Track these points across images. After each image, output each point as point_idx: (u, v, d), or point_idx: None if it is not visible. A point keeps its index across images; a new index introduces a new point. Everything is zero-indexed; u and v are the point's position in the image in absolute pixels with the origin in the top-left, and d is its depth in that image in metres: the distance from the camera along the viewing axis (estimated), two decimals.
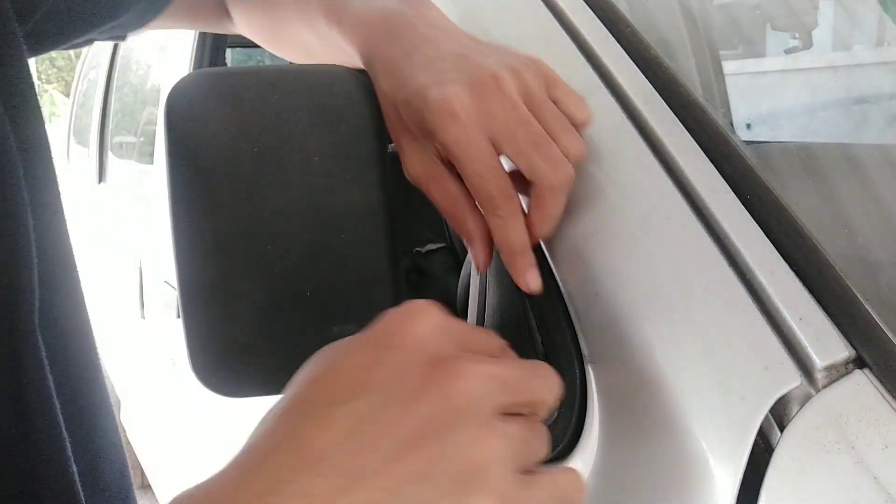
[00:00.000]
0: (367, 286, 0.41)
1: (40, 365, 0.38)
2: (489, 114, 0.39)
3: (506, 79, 0.39)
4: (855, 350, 0.37)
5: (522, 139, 0.39)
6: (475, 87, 0.39)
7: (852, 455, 0.33)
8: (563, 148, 0.40)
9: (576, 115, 0.42)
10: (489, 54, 0.42)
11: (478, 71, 0.40)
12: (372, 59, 0.44)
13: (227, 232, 0.39)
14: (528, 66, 0.41)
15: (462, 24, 0.53)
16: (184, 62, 1.40)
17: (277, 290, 0.40)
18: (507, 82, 0.39)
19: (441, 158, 0.42)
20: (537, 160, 0.39)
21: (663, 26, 0.85)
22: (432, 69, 0.40)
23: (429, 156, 0.42)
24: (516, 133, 0.39)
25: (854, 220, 0.59)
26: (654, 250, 0.41)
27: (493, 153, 0.40)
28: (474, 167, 0.39)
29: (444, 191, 0.42)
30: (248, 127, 0.39)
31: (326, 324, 0.41)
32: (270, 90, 0.39)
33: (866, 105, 1.12)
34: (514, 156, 0.39)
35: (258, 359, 0.41)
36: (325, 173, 0.40)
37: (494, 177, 0.39)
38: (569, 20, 0.52)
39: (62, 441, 0.39)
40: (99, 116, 2.34)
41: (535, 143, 0.39)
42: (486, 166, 0.39)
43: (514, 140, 0.39)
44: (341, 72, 0.41)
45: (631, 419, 0.40)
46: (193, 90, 0.39)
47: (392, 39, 0.43)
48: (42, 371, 0.38)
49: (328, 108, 0.40)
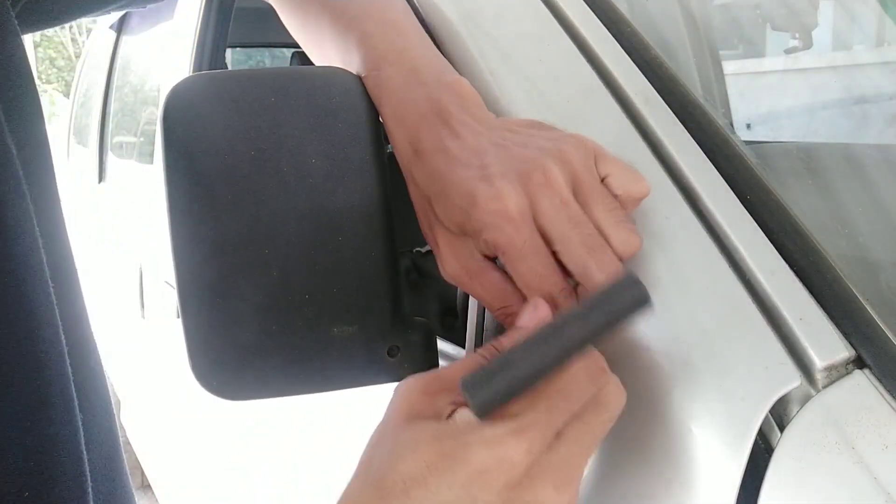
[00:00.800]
0: (366, 287, 0.41)
1: (63, 363, 0.38)
2: (540, 212, 0.37)
3: (554, 172, 0.37)
4: (855, 350, 0.37)
5: (576, 242, 0.37)
6: (525, 183, 0.37)
7: (852, 455, 0.33)
8: (615, 246, 0.38)
9: (631, 191, 0.39)
10: (529, 143, 0.39)
11: (524, 165, 0.38)
12: (406, 142, 0.42)
13: (226, 234, 0.39)
14: (573, 149, 0.39)
15: (462, 24, 0.53)
16: (184, 62, 1.40)
17: (276, 292, 0.40)
18: (556, 175, 0.37)
19: (483, 254, 0.40)
20: (591, 265, 0.37)
21: (663, 26, 0.85)
22: (473, 164, 0.39)
23: (470, 252, 0.40)
24: (570, 236, 0.37)
25: (854, 220, 0.59)
26: (653, 250, 0.41)
27: (548, 253, 0.38)
28: (530, 266, 0.38)
29: (491, 286, 0.41)
30: (247, 129, 0.39)
31: (326, 325, 0.41)
32: (268, 93, 0.39)
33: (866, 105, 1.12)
34: (566, 257, 0.38)
35: (258, 361, 0.41)
36: (324, 175, 0.40)
37: (552, 276, 0.38)
38: (569, 20, 0.52)
39: (78, 436, 0.39)
40: (99, 116, 2.34)
41: (589, 248, 0.37)
42: (543, 266, 0.38)
43: (567, 242, 0.37)
44: (339, 74, 0.41)
45: (631, 419, 0.40)
46: (191, 93, 0.39)
47: (429, 127, 0.41)
48: (64, 370, 0.38)
49: (326, 110, 0.40)
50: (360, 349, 0.42)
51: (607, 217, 0.38)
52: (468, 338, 0.52)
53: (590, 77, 0.49)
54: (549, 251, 0.38)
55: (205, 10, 1.37)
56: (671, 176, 0.44)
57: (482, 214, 0.38)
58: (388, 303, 0.42)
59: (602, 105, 0.47)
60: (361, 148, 0.40)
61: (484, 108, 0.43)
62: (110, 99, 2.32)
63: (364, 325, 0.42)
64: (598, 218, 0.38)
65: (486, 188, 0.37)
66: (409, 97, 0.42)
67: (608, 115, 0.47)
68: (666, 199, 0.43)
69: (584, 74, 0.49)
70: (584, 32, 0.51)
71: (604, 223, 0.38)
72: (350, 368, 0.42)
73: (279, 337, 0.40)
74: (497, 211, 0.37)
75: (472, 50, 0.52)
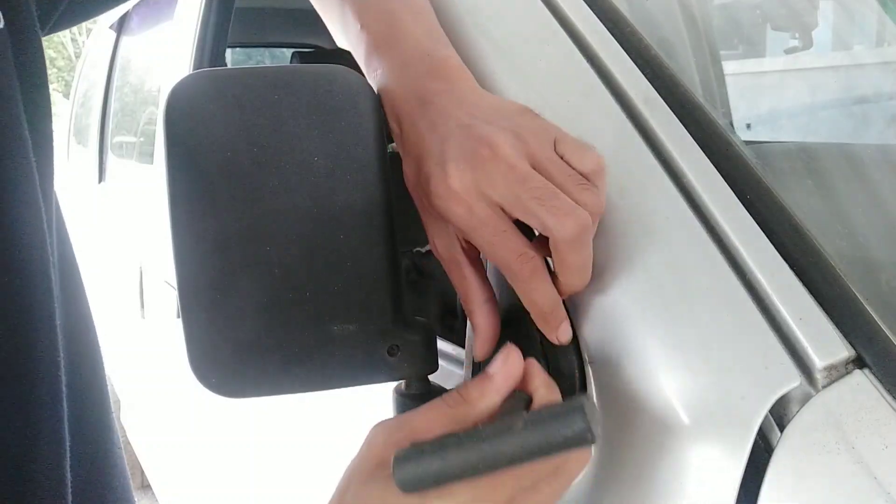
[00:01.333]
0: (366, 286, 0.41)
1: (56, 365, 0.39)
2: (489, 182, 0.38)
3: (501, 143, 0.38)
4: (855, 350, 0.37)
5: (525, 197, 0.37)
6: (471, 160, 0.38)
7: (852, 455, 0.33)
8: (573, 199, 0.38)
9: (584, 162, 0.39)
10: (494, 120, 0.40)
11: (473, 143, 0.39)
12: (398, 138, 0.44)
13: (227, 232, 0.39)
14: (530, 127, 0.40)
15: (462, 24, 0.53)
16: (184, 62, 1.40)
17: (277, 291, 0.40)
18: (503, 146, 0.38)
19: (463, 240, 0.42)
20: (543, 213, 0.37)
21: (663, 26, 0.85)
22: (435, 151, 0.40)
23: (451, 239, 0.43)
24: (518, 193, 0.37)
25: (854, 220, 0.59)
26: (653, 250, 0.41)
27: (499, 219, 0.38)
28: (483, 237, 0.39)
29: (460, 278, 0.43)
30: (248, 127, 0.39)
31: (326, 324, 0.41)
32: (270, 90, 0.39)
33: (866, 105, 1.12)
34: (523, 215, 0.38)
35: (258, 359, 0.41)
36: (325, 173, 0.40)
37: (504, 241, 0.39)
38: (569, 20, 0.52)
39: (63, 440, 0.39)
40: (99, 116, 2.34)
41: (538, 198, 0.37)
42: (492, 233, 0.38)
43: (517, 200, 0.38)
44: (341, 72, 0.41)
45: (630, 419, 0.40)
46: (193, 91, 0.39)
47: (412, 120, 0.42)
48: (57, 371, 0.39)
49: (328, 107, 0.40)
50: (360, 348, 0.42)
51: (561, 177, 0.38)
52: (468, 338, 0.52)
53: (590, 77, 0.49)
54: (508, 220, 0.39)
55: (205, 10, 1.37)
56: (671, 176, 0.44)
57: (436, 199, 0.39)
58: (388, 302, 0.42)
59: (602, 105, 0.47)
60: (363, 146, 0.40)
61: (470, 83, 0.45)
62: (110, 99, 2.32)
63: (364, 324, 0.42)
64: (554, 179, 0.38)
65: (437, 172, 0.39)
66: (399, 94, 0.44)
67: (608, 115, 0.47)
68: (666, 199, 0.43)
69: (584, 74, 0.49)
70: (584, 32, 0.51)
71: (559, 182, 0.38)
72: (350, 367, 0.42)
73: (279, 335, 0.40)
74: (444, 193, 0.39)
75: (472, 50, 0.52)
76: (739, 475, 0.35)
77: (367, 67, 0.47)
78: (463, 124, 0.40)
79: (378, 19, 0.47)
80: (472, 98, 0.43)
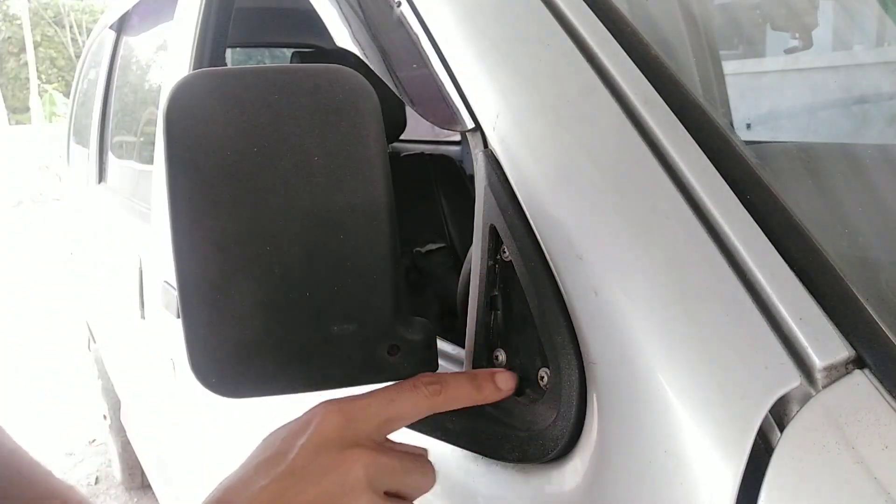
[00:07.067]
0: (367, 286, 0.41)
1: None
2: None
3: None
4: (855, 350, 0.37)
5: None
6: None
7: (852, 455, 0.33)
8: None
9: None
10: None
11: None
12: None
13: (227, 232, 0.39)
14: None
15: (462, 24, 0.53)
16: (184, 62, 1.40)
17: (277, 291, 0.40)
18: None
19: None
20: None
21: (663, 26, 0.85)
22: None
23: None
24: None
25: (854, 220, 0.59)
26: (653, 250, 0.41)
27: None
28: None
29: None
30: (248, 127, 0.39)
31: (326, 324, 0.41)
32: (270, 90, 0.39)
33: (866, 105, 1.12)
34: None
35: (258, 359, 0.41)
36: (326, 173, 0.40)
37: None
38: (569, 20, 0.52)
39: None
40: (99, 116, 2.34)
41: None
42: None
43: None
44: (341, 72, 0.41)
45: (630, 419, 0.40)
46: (193, 90, 0.39)
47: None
48: None
49: (328, 107, 0.40)
50: (360, 348, 0.42)
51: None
52: (468, 338, 0.52)
53: (590, 77, 0.49)
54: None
55: (205, 10, 1.37)
56: (671, 176, 0.44)
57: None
58: (388, 302, 0.42)
59: (602, 105, 0.47)
60: (363, 146, 0.40)
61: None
62: (110, 99, 2.32)
63: (364, 324, 0.42)
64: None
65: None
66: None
67: (608, 115, 0.47)
68: (666, 199, 0.43)
69: (584, 74, 0.49)
70: (583, 32, 0.51)
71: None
72: (350, 367, 0.42)
73: (279, 334, 0.40)
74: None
75: (472, 50, 0.52)
76: (739, 475, 0.35)
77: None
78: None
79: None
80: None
